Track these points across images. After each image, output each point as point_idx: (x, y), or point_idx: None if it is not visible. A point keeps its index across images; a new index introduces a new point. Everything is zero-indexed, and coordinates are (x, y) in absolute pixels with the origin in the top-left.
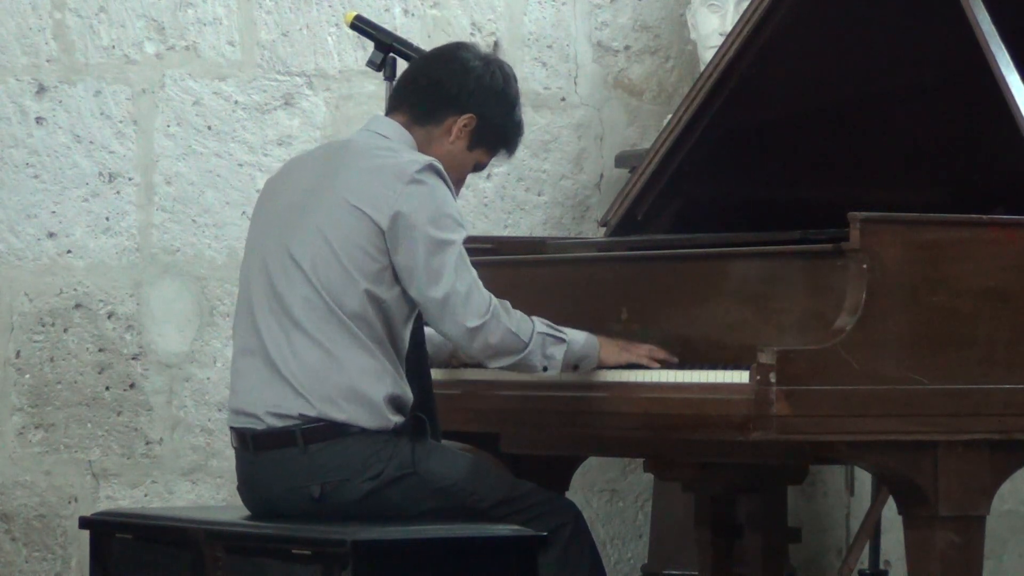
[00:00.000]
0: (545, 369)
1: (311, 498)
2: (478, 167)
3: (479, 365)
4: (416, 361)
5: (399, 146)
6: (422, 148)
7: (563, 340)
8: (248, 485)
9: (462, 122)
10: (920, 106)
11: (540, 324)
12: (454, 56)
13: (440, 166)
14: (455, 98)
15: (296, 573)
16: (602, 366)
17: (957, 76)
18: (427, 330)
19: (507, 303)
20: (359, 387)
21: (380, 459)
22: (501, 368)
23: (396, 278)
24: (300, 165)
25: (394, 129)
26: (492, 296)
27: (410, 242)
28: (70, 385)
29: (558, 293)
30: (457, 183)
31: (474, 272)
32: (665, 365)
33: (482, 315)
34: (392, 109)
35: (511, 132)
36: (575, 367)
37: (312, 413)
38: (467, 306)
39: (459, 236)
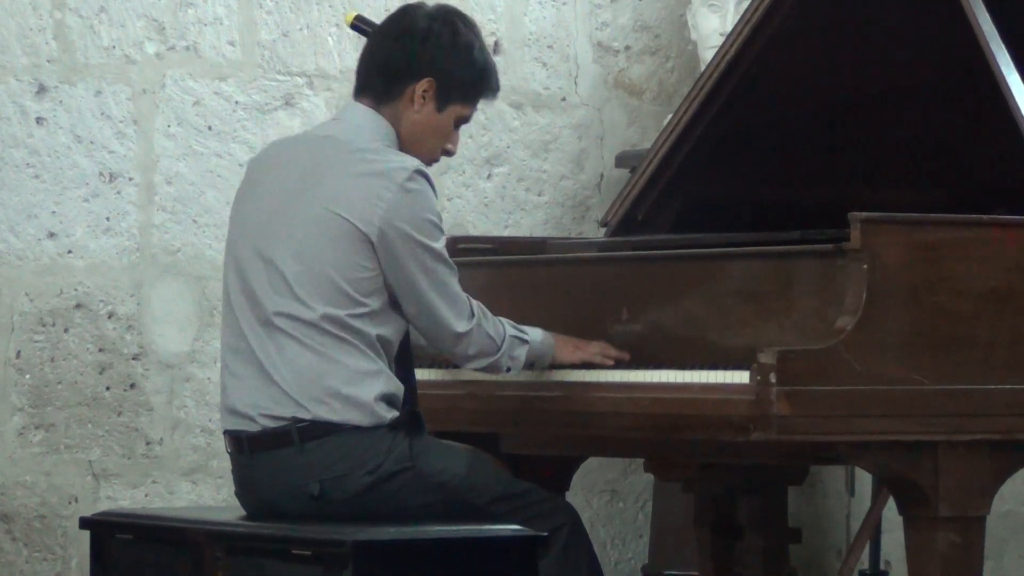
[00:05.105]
0: (508, 370)
1: (310, 496)
2: (462, 121)
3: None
4: (402, 360)
5: (380, 144)
6: (394, 125)
7: (526, 341)
8: (246, 488)
9: (420, 88)
10: (920, 106)
11: (508, 326)
12: (398, 26)
13: (426, 170)
14: (406, 68)
15: (296, 573)
16: (556, 364)
17: (957, 76)
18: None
19: (482, 305)
20: (351, 390)
21: (378, 452)
22: (472, 369)
23: (386, 284)
24: (283, 156)
25: (367, 117)
26: (469, 298)
27: (400, 254)
28: (70, 385)
29: (558, 293)
30: (443, 145)
31: (457, 276)
32: (618, 362)
33: (468, 320)
34: (358, 92)
35: (477, 78)
36: (531, 366)
37: (306, 416)
38: (455, 312)
39: (442, 243)
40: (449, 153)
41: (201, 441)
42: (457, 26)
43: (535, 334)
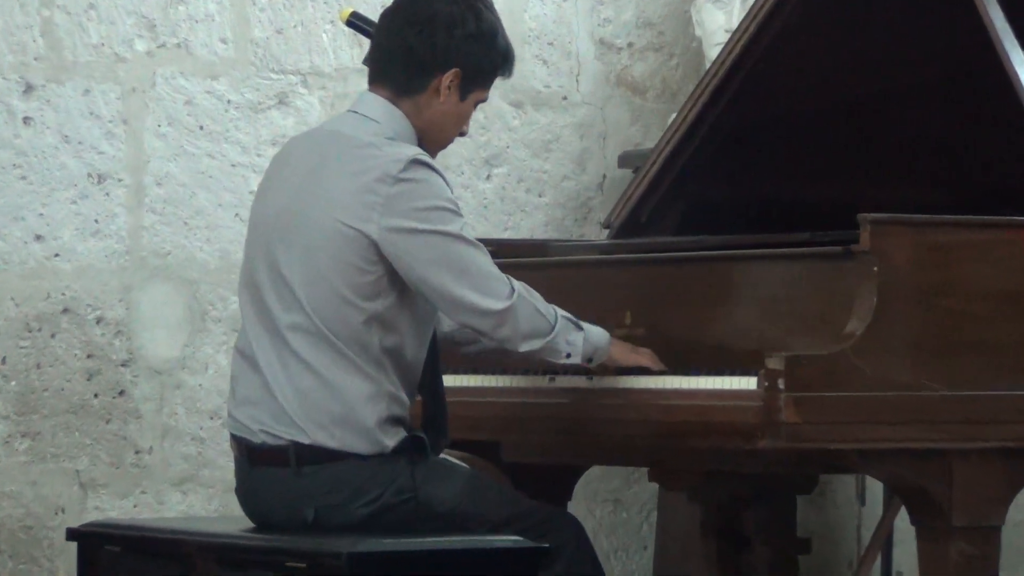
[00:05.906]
0: (568, 356)
1: (304, 521)
2: (480, 102)
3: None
4: (429, 371)
5: (382, 138)
6: (413, 118)
7: (581, 328)
8: (247, 494)
9: (447, 80)
10: (929, 104)
11: (559, 309)
12: (417, 12)
13: (425, 157)
14: (432, 60)
15: None
16: (611, 363)
17: (965, 74)
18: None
19: (526, 284)
20: (352, 414)
21: (377, 483)
22: (529, 352)
23: (392, 284)
24: (293, 154)
25: (382, 109)
26: (510, 277)
27: (409, 251)
28: (57, 392)
29: (560, 297)
30: (460, 128)
31: (486, 255)
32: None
33: (506, 297)
34: (373, 81)
35: (499, 64)
36: (589, 360)
37: (305, 441)
38: (487, 291)
39: (457, 225)
40: (463, 134)
41: (192, 450)
42: (480, 11)
43: (590, 326)
